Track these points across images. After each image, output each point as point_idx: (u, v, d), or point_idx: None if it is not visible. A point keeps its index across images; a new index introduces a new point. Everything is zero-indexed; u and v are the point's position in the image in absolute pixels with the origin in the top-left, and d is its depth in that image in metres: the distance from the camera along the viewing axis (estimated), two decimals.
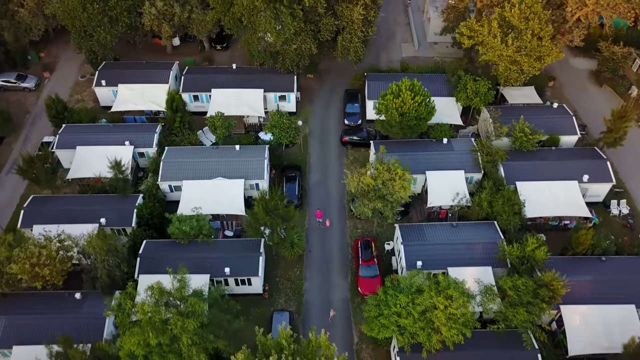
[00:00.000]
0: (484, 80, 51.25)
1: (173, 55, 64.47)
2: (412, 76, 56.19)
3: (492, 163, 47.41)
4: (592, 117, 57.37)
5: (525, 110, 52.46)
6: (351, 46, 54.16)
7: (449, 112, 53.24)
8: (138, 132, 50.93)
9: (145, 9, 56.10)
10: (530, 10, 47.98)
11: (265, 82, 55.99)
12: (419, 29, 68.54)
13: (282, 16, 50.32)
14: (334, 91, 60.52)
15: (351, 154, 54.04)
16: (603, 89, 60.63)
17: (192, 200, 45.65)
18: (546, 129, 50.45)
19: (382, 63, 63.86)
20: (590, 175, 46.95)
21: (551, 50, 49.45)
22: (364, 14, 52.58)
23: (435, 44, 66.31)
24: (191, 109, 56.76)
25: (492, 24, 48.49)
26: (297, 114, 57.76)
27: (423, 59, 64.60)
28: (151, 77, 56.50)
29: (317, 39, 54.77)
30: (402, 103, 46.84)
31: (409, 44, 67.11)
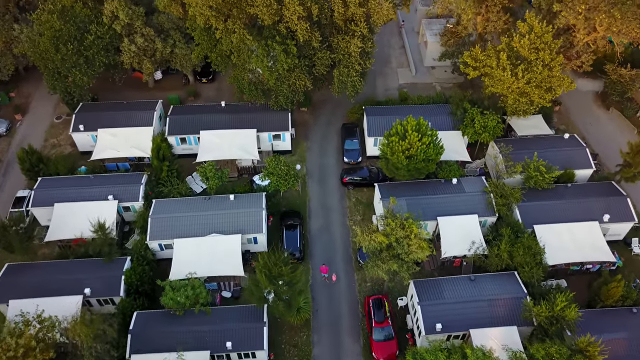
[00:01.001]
0: (493, 114, 48.13)
1: (155, 90, 60.30)
2: (412, 108, 53.42)
3: (507, 205, 44.27)
4: (602, 144, 54.79)
5: (535, 143, 49.56)
6: (349, 80, 50.64)
7: (456, 147, 50.02)
8: (122, 184, 46.65)
9: (124, 47, 51.85)
10: (540, 40, 45.03)
11: (257, 121, 52.19)
12: (415, 53, 65.33)
13: (274, 53, 46.60)
14: (330, 125, 56.93)
15: (353, 195, 50.50)
16: (610, 112, 58.07)
17: (185, 261, 41.64)
18: (560, 163, 47.55)
19: (379, 91, 60.51)
20: (611, 214, 44.12)
21: (562, 81, 46.54)
22: (362, 47, 49.08)
23: (433, 68, 63.16)
24: (178, 152, 52.76)
25: (501, 56, 45.36)
26: (292, 152, 54.07)
27: (422, 86, 61.40)
28: (133, 119, 52.29)
29: (312, 74, 51.16)
30: (409, 145, 43.46)
31: (405, 68, 63.86)
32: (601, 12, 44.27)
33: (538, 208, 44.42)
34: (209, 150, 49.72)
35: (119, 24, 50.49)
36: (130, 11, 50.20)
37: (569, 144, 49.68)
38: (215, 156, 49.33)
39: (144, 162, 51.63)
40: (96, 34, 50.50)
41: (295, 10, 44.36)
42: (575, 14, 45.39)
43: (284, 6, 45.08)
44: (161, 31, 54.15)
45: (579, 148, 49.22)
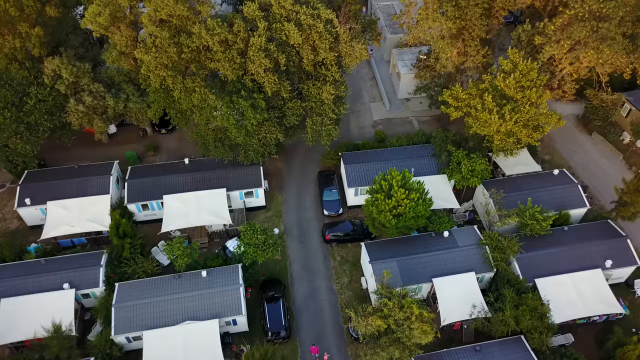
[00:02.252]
0: (480, 157, 44.99)
1: (110, 146, 54.94)
2: (392, 152, 50.03)
3: (505, 259, 41.12)
4: (589, 173, 52.56)
5: (525, 183, 46.78)
6: (323, 130, 46.66)
7: (443, 193, 46.68)
8: (78, 267, 41.33)
9: (70, 107, 46.46)
10: (526, 78, 42.10)
11: (226, 179, 47.64)
12: (387, 84, 61.92)
13: (240, 109, 42.21)
14: (305, 173, 52.81)
15: (338, 253, 46.51)
16: (593, 137, 55.95)
17: (157, 356, 36.82)
18: (553, 203, 44.88)
19: (353, 130, 56.78)
20: (613, 259, 41.54)
21: (550, 117, 43.77)
22: (334, 93, 45.18)
23: (408, 100, 59.87)
24: (141, 218, 47.74)
25: (486, 98, 42.20)
26: (267, 207, 49.72)
27: (397, 121, 58.01)
28: (87, 186, 46.93)
29: (283, 125, 46.95)
30: (396, 203, 39.82)
31: (378, 103, 60.34)
32: (589, 47, 41.70)
33: (537, 259, 41.45)
34: (174, 217, 44.88)
35: (62, 83, 45.15)
36: (75, 69, 44.96)
37: (559, 181, 46.99)
38: (182, 224, 44.57)
39: (102, 235, 46.33)
40: (37, 97, 45.06)
41: (261, 63, 40.12)
42: (560, 48, 42.67)
43: (248, 59, 40.77)
44: (111, 85, 48.99)
45: (570, 185, 46.59)
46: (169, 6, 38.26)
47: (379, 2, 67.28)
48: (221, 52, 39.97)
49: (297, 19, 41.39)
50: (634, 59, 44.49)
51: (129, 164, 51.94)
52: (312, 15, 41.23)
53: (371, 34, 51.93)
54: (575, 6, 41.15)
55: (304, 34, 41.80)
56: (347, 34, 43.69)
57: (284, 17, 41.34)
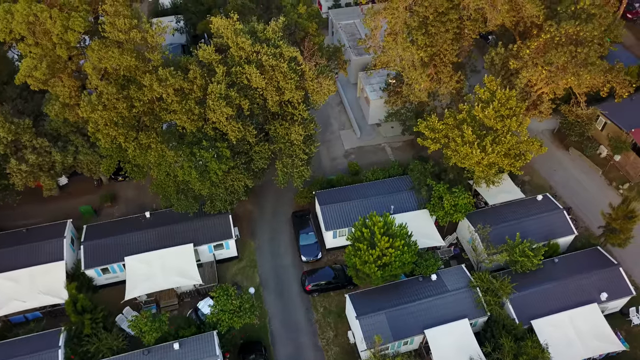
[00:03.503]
0: (463, 192, 42.62)
1: (62, 199, 50.19)
2: (368, 187, 47.27)
3: (497, 302, 38.84)
4: (570, 191, 51.01)
5: (510, 212, 44.76)
6: (294, 172, 43.40)
7: (425, 229, 44.13)
8: (33, 351, 36.86)
9: (11, 168, 41.73)
10: (505, 107, 39.89)
11: (193, 232, 43.86)
12: (356, 109, 59.09)
13: (203, 161, 38.56)
14: (278, 214, 49.43)
15: (320, 304, 43.36)
16: (571, 153, 54.51)
17: None
18: (540, 233, 43.02)
19: (325, 162, 53.70)
20: (608, 290, 39.85)
21: (532, 145, 41.77)
22: (303, 134, 42.00)
23: (379, 125, 57.16)
24: (102, 282, 43.53)
25: (466, 131, 39.79)
26: (239, 256, 46.16)
27: (370, 149, 55.25)
28: (38, 253, 42.37)
29: (251, 170, 43.46)
30: (381, 253, 36.99)
31: (348, 130, 57.42)
32: (568, 72, 39.77)
33: (531, 297, 39.37)
34: (138, 281, 40.86)
35: (0, 143, 40.43)
36: (13, 126, 40.28)
37: (544, 208, 45.11)
38: (147, 288, 40.65)
39: (60, 306, 41.85)
40: None
41: (223, 112, 36.55)
42: (537, 73, 40.61)
43: (207, 107, 37.12)
44: (58, 138, 44.38)
45: (556, 212, 44.75)
46: (114, 58, 34.24)
47: (340, 22, 64.31)
48: (177, 102, 36.21)
49: (259, 60, 37.98)
50: (610, 78, 42.91)
51: (84, 220, 47.50)
52: (274, 55, 37.87)
53: (337, 62, 49.10)
54: (550, 30, 39.14)
55: (266, 75, 38.45)
56: (313, 71, 40.55)
57: (243, 59, 37.86)
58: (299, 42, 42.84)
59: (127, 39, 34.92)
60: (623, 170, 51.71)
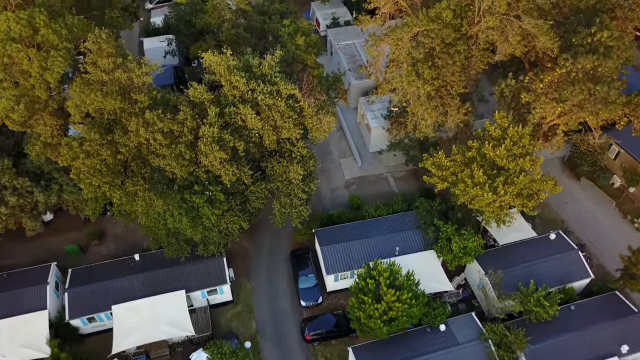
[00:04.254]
0: (473, 234, 40.05)
1: (47, 236, 47.37)
2: (371, 225, 44.71)
3: (512, 358, 36.27)
4: (583, 224, 48.49)
5: (522, 254, 42.19)
6: (293, 212, 40.76)
7: (432, 272, 41.58)
8: None
9: None
10: (518, 146, 37.38)
11: (185, 276, 41.21)
12: (356, 136, 56.46)
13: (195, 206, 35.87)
14: (275, 252, 46.75)
15: (321, 354, 40.71)
16: (582, 183, 51.98)
17: None
18: (554, 277, 40.57)
19: (324, 193, 51.06)
20: (629, 342, 37.34)
21: (546, 184, 39.24)
22: (303, 173, 39.35)
23: (381, 153, 54.51)
24: (88, 331, 40.84)
25: (476, 172, 37.21)
26: (234, 300, 43.48)
27: (372, 179, 52.62)
28: (19, 301, 39.73)
29: (247, 210, 40.76)
30: (387, 307, 34.40)
31: (349, 158, 54.80)
32: (585, 110, 37.25)
33: (547, 351, 36.80)
34: (127, 333, 38.20)
35: None
36: None
37: (558, 248, 42.54)
38: (136, 340, 38.04)
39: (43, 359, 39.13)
40: None
41: (216, 156, 33.88)
42: (552, 110, 38.07)
43: (199, 151, 34.43)
44: (40, 176, 41.73)
45: (570, 253, 42.19)
46: (97, 101, 31.52)
47: (339, 42, 61.71)
48: (166, 146, 33.51)
49: (254, 99, 35.31)
50: (628, 112, 40.45)
51: (69, 261, 44.82)
52: (270, 94, 35.21)
53: (336, 92, 46.48)
54: (566, 64, 36.59)
55: (263, 115, 35.80)
56: (313, 107, 37.91)
57: (237, 99, 35.18)
58: (296, 74, 40.19)
59: (111, 80, 32.21)
60: (638, 202, 49.25)
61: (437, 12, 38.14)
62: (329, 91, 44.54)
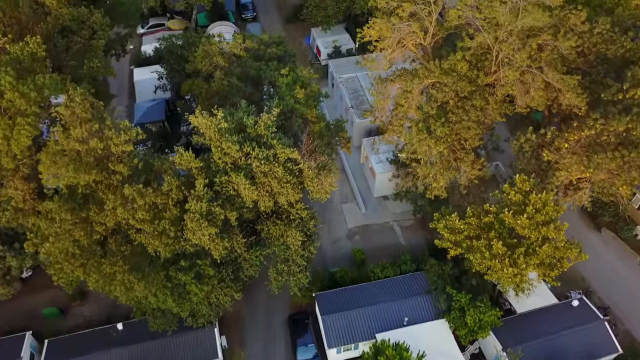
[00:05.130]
0: (489, 307, 36.34)
1: (23, 296, 43.49)
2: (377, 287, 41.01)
3: None
4: (605, 281, 44.77)
5: (542, 324, 38.46)
6: (291, 280, 37.04)
7: (444, 345, 37.81)
8: None
9: None
10: (540, 213, 33.67)
11: (172, 349, 37.45)
12: (359, 177, 52.70)
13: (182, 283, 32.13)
14: (272, 314, 42.96)
15: None
16: (603, 234, 48.25)
17: None
18: (578, 351, 36.93)
19: (325, 244, 47.26)
20: None
21: (569, 251, 35.51)
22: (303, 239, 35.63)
23: (386, 198, 50.79)
24: None
25: (494, 243, 33.48)
26: None
27: (377, 228, 48.86)
28: None
29: (240, 279, 37.02)
30: None
31: (352, 203, 51.04)
32: (620, 180, 33.53)
33: None
34: None
35: None
36: None
37: (582, 318, 38.82)
38: None
39: None
40: None
41: (205, 233, 30.13)
42: (578, 174, 34.37)
43: (185, 227, 30.66)
44: (14, 237, 38.02)
45: (596, 323, 38.48)
46: (69, 175, 27.79)
47: (341, 75, 58.00)
48: (148, 222, 29.75)
49: (248, 165, 31.58)
50: None
51: (48, 325, 41.11)
52: (266, 159, 31.47)
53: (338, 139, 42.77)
54: (596, 126, 32.88)
55: (258, 180, 32.07)
56: (314, 169, 34.19)
57: (230, 165, 31.45)
58: (295, 129, 36.48)
59: (85, 150, 28.47)
60: None
61: (451, 63, 34.47)
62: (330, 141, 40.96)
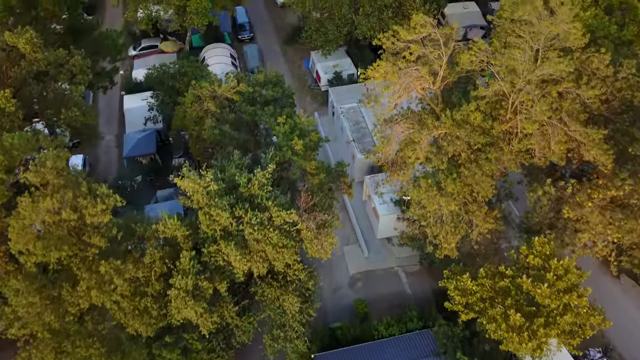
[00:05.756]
0: None
1: None
2: (382, 350, 37.73)
3: None
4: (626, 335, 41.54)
5: None
6: (288, 347, 34.00)
7: None
8: None
9: None
10: (563, 280, 30.65)
11: None
12: (361, 216, 49.67)
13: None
14: None
15: None
16: (622, 282, 45.20)
17: None
18: None
19: (325, 294, 44.01)
20: None
21: (592, 317, 32.47)
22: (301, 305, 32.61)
23: (389, 241, 47.79)
24: None
25: (512, 315, 30.43)
26: None
27: (380, 274, 45.83)
28: None
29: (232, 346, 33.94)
30: None
31: (354, 246, 48.00)
32: None
33: None
34: None
35: None
36: None
37: None
38: None
39: None
40: None
41: (191, 310, 27.06)
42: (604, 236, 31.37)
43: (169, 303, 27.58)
44: None
45: None
46: (37, 255, 24.72)
47: (342, 105, 54.95)
48: (129, 298, 26.67)
49: (240, 232, 28.53)
50: None
51: None
52: (261, 224, 28.42)
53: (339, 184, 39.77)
54: (624, 187, 29.83)
55: (251, 247, 29.02)
56: (313, 231, 31.13)
57: (219, 232, 28.39)
58: (292, 182, 33.46)
59: (56, 222, 25.40)
60: None
61: (464, 114, 31.42)
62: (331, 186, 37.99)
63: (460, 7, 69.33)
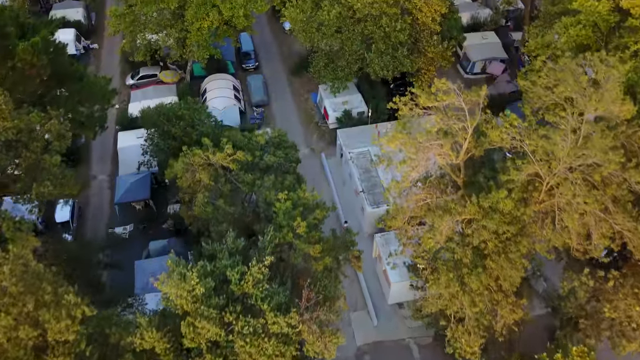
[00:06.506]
0: None
1: None
2: None
3: None
4: None
5: None
6: None
7: None
8: None
9: None
10: None
11: None
12: (371, 280, 45.48)
13: None
14: None
15: None
16: None
17: None
18: None
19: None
20: None
21: None
22: None
23: (401, 306, 43.63)
24: None
25: None
26: None
27: (390, 346, 41.71)
28: None
29: None
30: None
31: (362, 312, 43.80)
32: None
33: None
34: None
35: None
36: None
37: None
38: None
39: None
40: None
41: None
42: None
43: None
44: None
45: None
46: None
47: (351, 150, 50.78)
48: None
49: (229, 343, 24.49)
50: None
51: None
52: (254, 333, 24.40)
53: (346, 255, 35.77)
54: None
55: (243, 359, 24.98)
56: (316, 333, 27.05)
57: (205, 344, 24.37)
58: (294, 269, 29.42)
59: (13, 339, 21.46)
60: None
61: (492, 202, 27.20)
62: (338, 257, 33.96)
63: (479, 37, 64.98)
